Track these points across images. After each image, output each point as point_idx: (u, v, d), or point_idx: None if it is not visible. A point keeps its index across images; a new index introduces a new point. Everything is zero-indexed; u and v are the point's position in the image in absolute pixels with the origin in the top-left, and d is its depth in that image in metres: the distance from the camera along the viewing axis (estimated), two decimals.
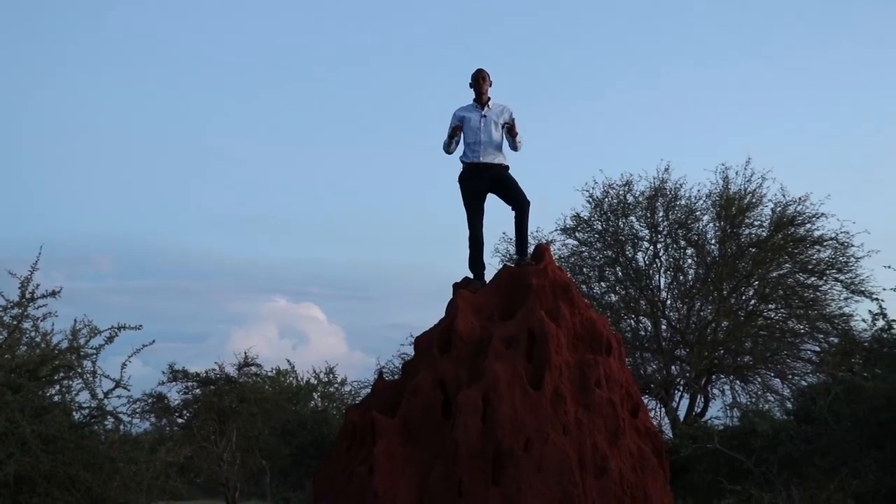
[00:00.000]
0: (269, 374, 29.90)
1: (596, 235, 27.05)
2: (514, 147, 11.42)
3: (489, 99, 11.46)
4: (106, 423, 15.73)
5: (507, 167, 11.40)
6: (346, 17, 76.40)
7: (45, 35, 76.54)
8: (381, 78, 72.50)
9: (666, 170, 26.60)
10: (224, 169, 76.23)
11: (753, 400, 25.41)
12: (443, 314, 10.75)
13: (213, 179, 75.92)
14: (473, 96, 11.48)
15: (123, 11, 78.25)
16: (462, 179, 11.37)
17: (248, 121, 75.86)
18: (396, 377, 11.33)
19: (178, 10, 78.00)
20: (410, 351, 11.18)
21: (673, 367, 26.31)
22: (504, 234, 26.65)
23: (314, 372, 32.82)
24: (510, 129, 11.32)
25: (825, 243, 25.70)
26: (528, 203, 11.30)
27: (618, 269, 26.80)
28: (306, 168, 74.03)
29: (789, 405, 23.51)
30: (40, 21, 76.80)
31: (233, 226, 73.20)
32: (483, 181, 11.29)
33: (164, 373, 24.00)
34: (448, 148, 11.48)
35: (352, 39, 75.43)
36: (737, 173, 26.32)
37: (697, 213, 26.48)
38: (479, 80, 11.44)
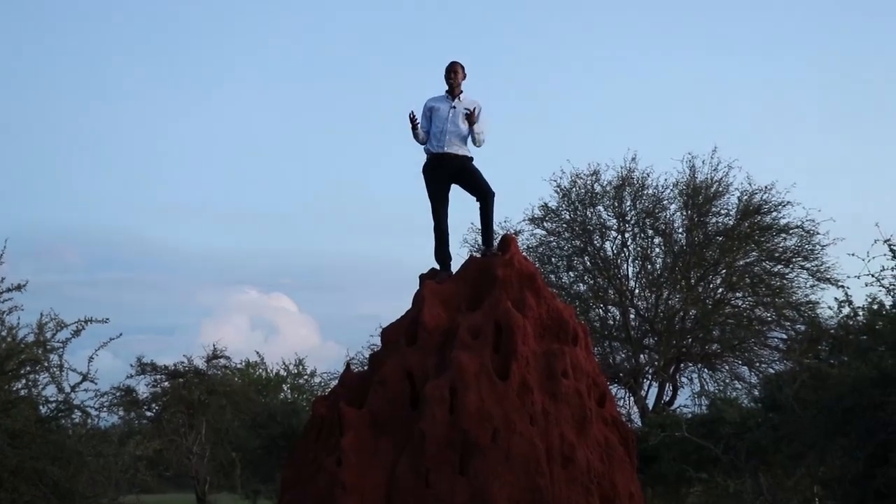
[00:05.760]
0: (239, 366, 29.86)
1: (564, 225, 27.13)
2: (475, 141, 11.38)
3: (461, 92, 11.47)
4: (73, 416, 15.64)
5: (471, 158, 11.41)
6: (317, 14, 76.19)
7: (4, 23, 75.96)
8: (346, 68, 72.36)
9: (633, 159, 26.73)
10: (193, 160, 75.97)
11: (721, 388, 25.57)
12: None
13: (182, 170, 75.65)
14: (446, 87, 11.50)
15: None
16: (426, 170, 11.38)
17: (216, 112, 75.65)
18: (366, 368, 11.34)
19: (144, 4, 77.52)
20: (379, 342, 11.19)
21: (641, 356, 26.45)
22: (472, 224, 26.63)
23: (283, 364, 32.79)
24: (468, 116, 11.28)
25: (791, 231, 25.91)
26: (492, 194, 11.33)
27: (586, 258, 26.90)
28: (276, 159, 73.86)
29: (756, 393, 23.65)
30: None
31: (202, 217, 73.00)
32: (447, 172, 11.30)
33: (132, 366, 23.96)
34: (419, 139, 11.47)
35: (326, 28, 75.21)
36: (703, 162, 26.48)
37: (664, 202, 26.64)
38: (452, 72, 11.45)
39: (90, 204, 73.46)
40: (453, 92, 11.42)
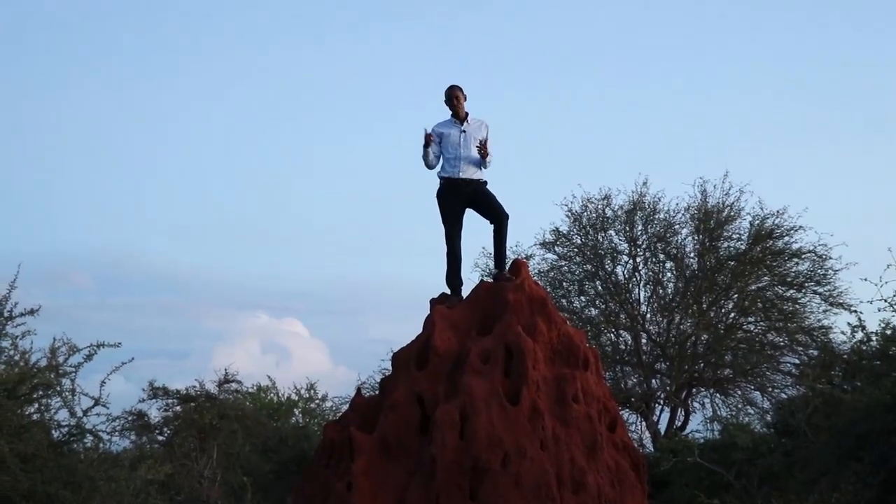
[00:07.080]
0: (250, 390, 29.83)
1: (575, 249, 27.10)
2: (483, 166, 11.42)
3: (467, 114, 11.48)
4: (85, 441, 15.66)
5: (485, 182, 11.43)
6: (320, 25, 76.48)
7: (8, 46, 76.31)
8: (355, 88, 72.45)
9: (644, 184, 26.69)
10: (205, 183, 76.07)
11: (733, 413, 25.47)
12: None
13: (194, 194, 75.75)
14: (450, 113, 11.50)
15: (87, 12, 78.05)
16: (441, 195, 11.37)
17: (227, 135, 75.75)
18: (376, 393, 11.35)
19: (166, 19, 77.89)
20: (390, 367, 11.20)
21: (653, 381, 26.38)
22: (483, 248, 26.63)
23: (295, 388, 32.74)
24: (481, 150, 11.31)
25: (803, 256, 25.83)
26: (506, 216, 11.34)
27: (597, 282, 26.86)
28: (287, 181, 73.90)
29: (769, 418, 23.57)
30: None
31: (214, 241, 72.95)
32: (462, 197, 11.31)
33: (143, 390, 23.96)
34: (428, 161, 11.44)
35: (330, 40, 75.40)
36: (715, 187, 26.43)
37: (676, 226, 26.59)
38: (454, 98, 11.45)
39: (103, 227, 73.48)
40: (459, 116, 11.43)
